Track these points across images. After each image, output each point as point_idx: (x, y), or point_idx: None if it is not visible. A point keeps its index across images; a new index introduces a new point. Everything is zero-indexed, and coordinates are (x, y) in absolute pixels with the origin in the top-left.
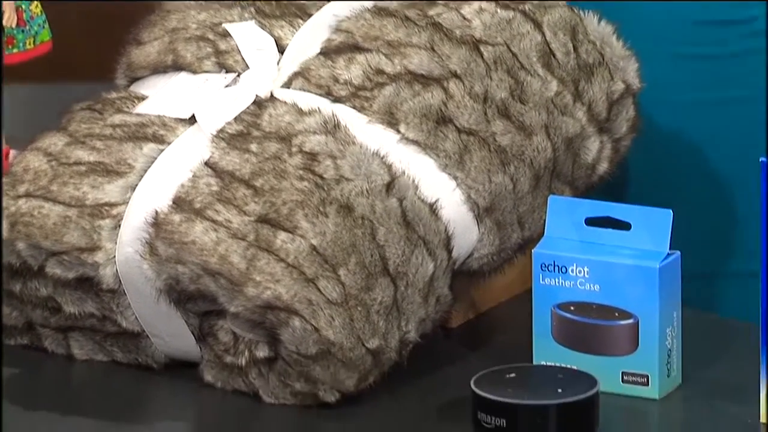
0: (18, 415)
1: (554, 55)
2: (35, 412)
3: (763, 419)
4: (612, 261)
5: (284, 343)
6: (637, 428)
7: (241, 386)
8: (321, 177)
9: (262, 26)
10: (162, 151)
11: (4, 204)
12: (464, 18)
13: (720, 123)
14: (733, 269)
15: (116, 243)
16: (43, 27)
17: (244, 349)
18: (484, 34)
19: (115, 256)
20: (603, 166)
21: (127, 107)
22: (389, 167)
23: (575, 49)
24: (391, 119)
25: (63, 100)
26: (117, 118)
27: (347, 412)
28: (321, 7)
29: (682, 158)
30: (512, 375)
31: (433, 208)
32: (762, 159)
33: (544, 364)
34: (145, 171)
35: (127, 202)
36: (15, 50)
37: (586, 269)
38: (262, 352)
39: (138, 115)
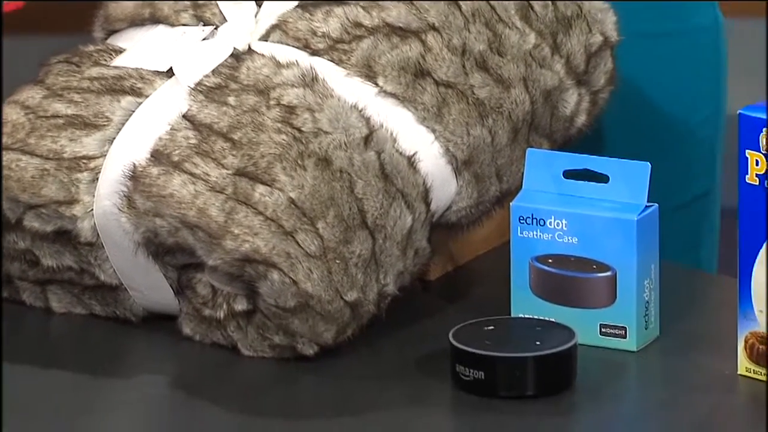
0: None
1: (532, 8)
2: (13, 365)
3: (740, 371)
4: (590, 213)
5: (263, 296)
6: (615, 380)
7: (219, 339)
8: (299, 130)
9: None
10: (140, 104)
11: None
12: None
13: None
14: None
15: (94, 196)
16: None
17: (223, 302)
18: None
19: (92, 209)
20: (581, 119)
21: (105, 60)
22: (367, 120)
23: (553, 1)
24: (369, 72)
25: (40, 52)
26: (94, 71)
27: (326, 364)
28: None
29: (659, 110)
30: (490, 327)
31: (411, 161)
32: (740, 111)
33: (522, 316)
34: (123, 124)
35: (105, 155)
36: None
37: (564, 222)
38: (240, 305)
39: (115, 68)
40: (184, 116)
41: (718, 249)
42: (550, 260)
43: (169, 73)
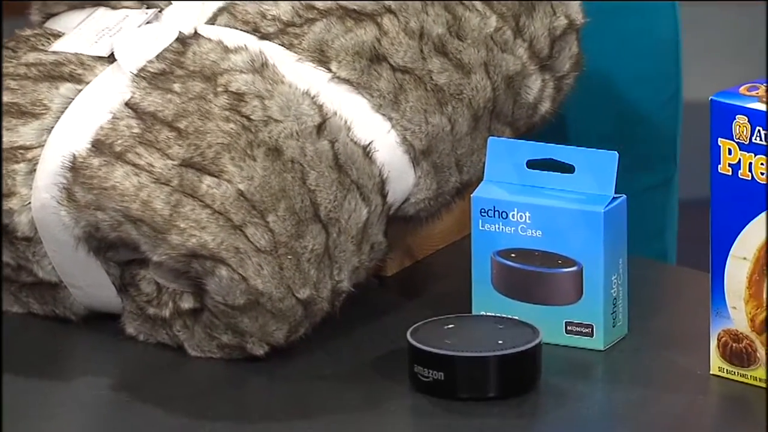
0: None
1: None
2: None
3: (713, 370)
4: (555, 205)
5: (210, 294)
6: (582, 381)
7: (164, 339)
8: (248, 118)
9: None
10: (79, 91)
11: None
12: None
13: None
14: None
15: (31, 188)
16: None
17: (168, 300)
18: None
19: (30, 202)
20: (545, 106)
21: (42, 45)
22: (320, 108)
23: None
24: (321, 57)
25: None
26: (31, 57)
27: (277, 365)
28: None
29: (618, 94)
30: (450, 326)
31: (366, 151)
32: (711, 98)
33: (484, 314)
34: (62, 112)
35: (43, 145)
36: None
37: (527, 214)
38: (186, 303)
39: (54, 53)
40: (127, 104)
41: (677, 240)
42: (512, 255)
43: (111, 58)
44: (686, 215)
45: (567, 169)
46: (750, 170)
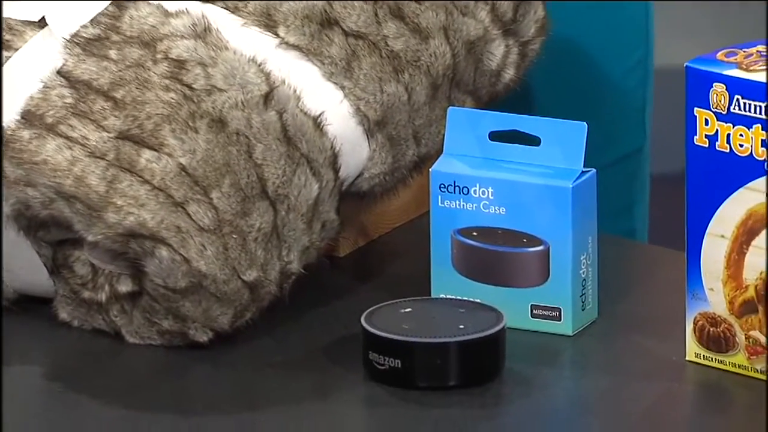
0: None
1: None
2: None
3: (689, 356)
4: (519, 180)
5: (150, 276)
6: (549, 368)
7: (101, 325)
8: (190, 87)
9: None
10: (8, 58)
11: None
12: None
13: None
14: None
15: None
16: None
17: (104, 282)
18: None
19: None
20: (509, 73)
21: None
22: (267, 76)
23: None
24: (268, 21)
25: None
26: None
27: (221, 353)
28: None
29: (585, 59)
30: (408, 310)
31: (317, 122)
32: (686, 64)
33: (444, 297)
34: None
35: None
36: None
37: (490, 190)
38: (124, 286)
39: None
40: (59, 72)
41: (648, 217)
42: (474, 233)
43: (42, 23)
44: (658, 190)
45: (532, 141)
46: (728, 142)
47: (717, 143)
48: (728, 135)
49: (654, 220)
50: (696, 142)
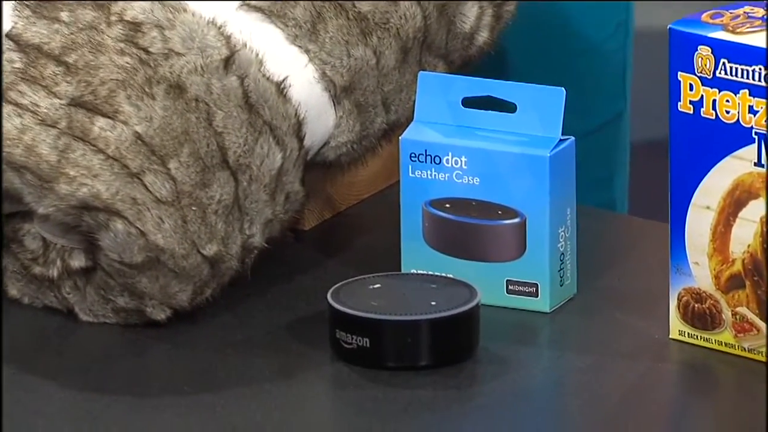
0: None
1: None
2: None
3: (672, 334)
4: (494, 149)
5: (104, 251)
6: (525, 346)
7: (52, 302)
8: (146, 51)
9: None
10: None
11: None
12: None
13: None
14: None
15: None
16: None
17: (56, 257)
18: None
19: None
20: (483, 36)
21: None
22: (228, 39)
23: None
24: None
25: None
26: None
27: (180, 331)
28: None
29: (570, 27)
30: (376, 286)
31: (280, 88)
32: (669, 26)
33: (415, 272)
34: None
35: None
36: None
37: (463, 159)
38: (77, 262)
39: None
40: (8, 35)
41: (628, 188)
42: (447, 205)
43: None
44: (639, 159)
45: (508, 107)
46: (714, 108)
47: (702, 109)
48: (714, 101)
49: (635, 190)
50: (680, 109)
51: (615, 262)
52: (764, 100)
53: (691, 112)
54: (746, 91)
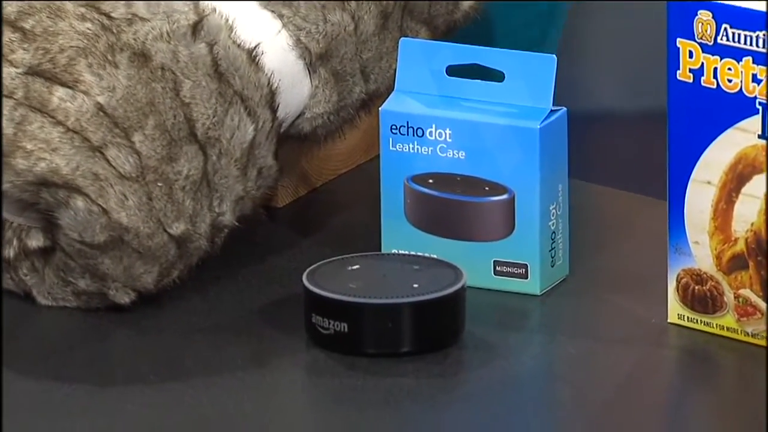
0: None
1: None
2: None
3: (671, 318)
4: (481, 120)
5: (64, 230)
6: (514, 331)
7: (9, 285)
8: (108, 16)
9: None
10: None
11: None
12: None
13: None
14: None
15: None
16: None
17: (13, 237)
18: None
19: None
20: (468, 0)
21: None
22: (195, 4)
23: None
24: None
25: None
26: None
27: (145, 315)
28: None
29: None
30: (355, 267)
31: (252, 56)
32: (668, 2)
33: (396, 252)
34: None
35: None
36: None
37: (447, 131)
38: (35, 241)
39: None
40: None
41: (586, 154)
42: (430, 180)
43: None
44: (636, 130)
45: (495, 76)
46: (715, 77)
47: (702, 78)
48: (715, 69)
49: (631, 164)
50: (679, 77)
51: (610, 242)
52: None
53: (691, 80)
54: (749, 58)
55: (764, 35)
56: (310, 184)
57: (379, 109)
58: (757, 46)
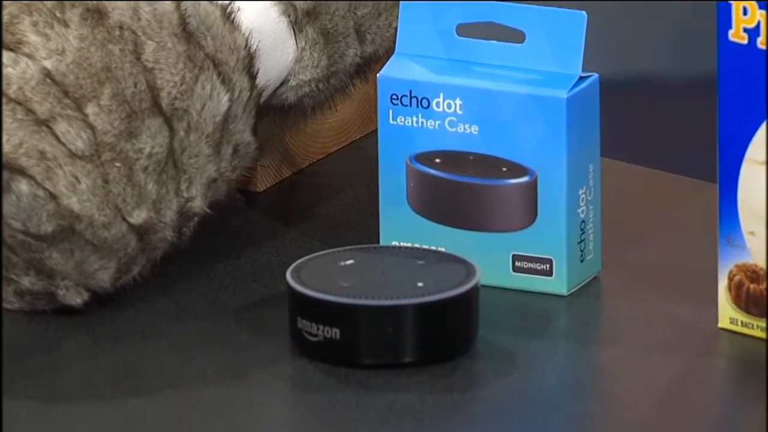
0: None
1: None
2: None
3: (721, 323)
4: (497, 89)
5: (5, 219)
6: (536, 338)
7: None
8: None
9: None
10: None
11: None
12: None
13: None
14: None
15: None
16: None
17: None
18: None
19: None
20: None
21: None
22: None
23: None
24: None
25: None
26: None
27: (101, 319)
28: None
29: None
30: (349, 262)
31: (226, 13)
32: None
33: (396, 245)
34: None
35: None
36: None
37: (458, 102)
38: None
39: None
40: None
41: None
42: (437, 160)
43: None
44: (679, 101)
45: (514, 36)
46: None
47: (758, 39)
48: None
49: (674, 140)
50: (731, 38)
51: (649, 232)
52: None
53: (745, 42)
54: None
55: None
56: (295, 164)
57: (377, 75)
58: None
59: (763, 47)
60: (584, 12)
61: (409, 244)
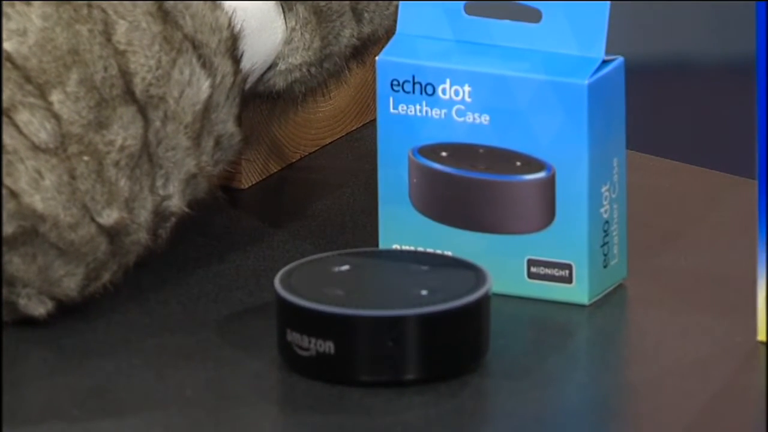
0: None
1: None
2: None
3: (760, 336)
4: (510, 74)
5: None
6: (554, 353)
7: None
8: None
9: None
10: None
11: None
12: None
13: None
14: None
15: None
16: None
17: None
18: None
19: None
20: None
21: None
22: None
23: None
24: None
25: None
26: None
27: (67, 331)
28: None
29: None
30: (344, 267)
31: None
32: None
33: (398, 248)
34: None
35: None
36: None
37: (466, 89)
38: None
39: None
40: None
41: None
42: (443, 153)
43: None
44: (715, 90)
45: (530, 15)
46: None
47: None
48: None
49: (709, 131)
50: None
51: (681, 235)
52: None
53: None
54: None
55: None
56: (284, 158)
57: (376, 58)
58: None
59: None
60: None
61: (412, 248)
